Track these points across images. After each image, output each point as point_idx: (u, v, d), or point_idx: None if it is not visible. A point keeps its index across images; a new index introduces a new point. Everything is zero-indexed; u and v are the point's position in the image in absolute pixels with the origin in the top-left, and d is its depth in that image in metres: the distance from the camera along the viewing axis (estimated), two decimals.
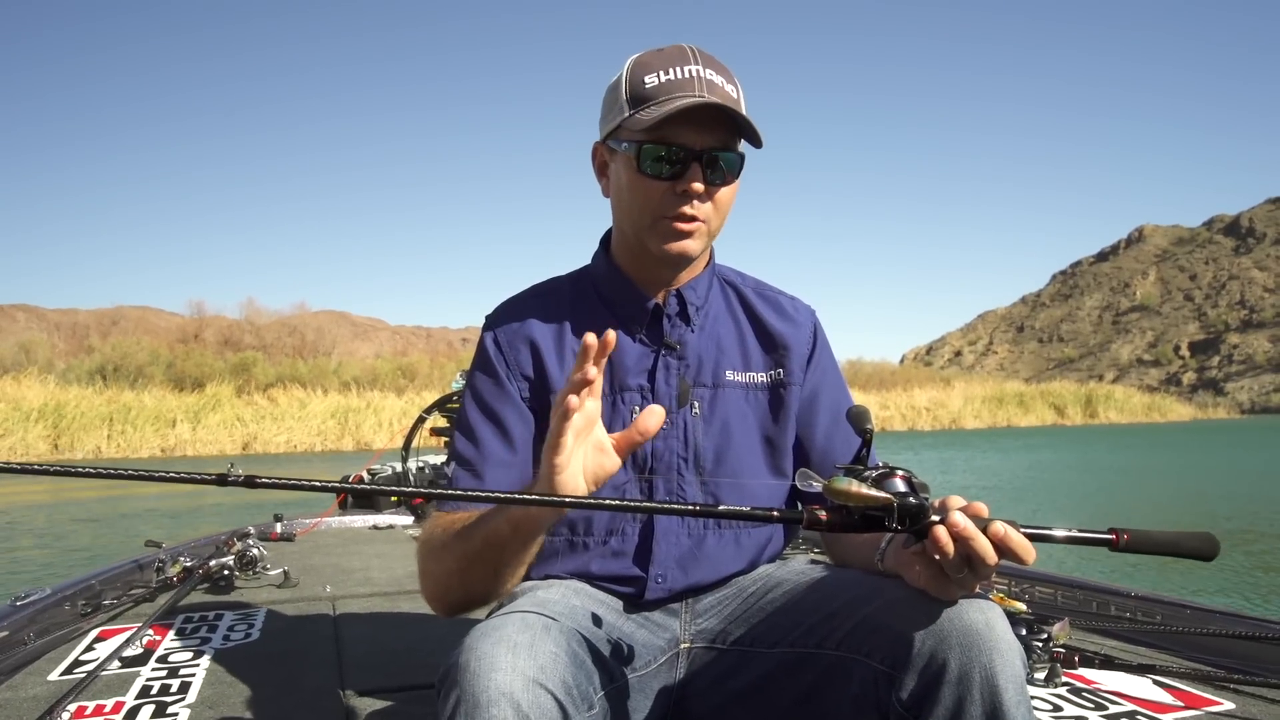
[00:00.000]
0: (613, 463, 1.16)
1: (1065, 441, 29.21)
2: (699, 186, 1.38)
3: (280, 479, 0.97)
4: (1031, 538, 1.06)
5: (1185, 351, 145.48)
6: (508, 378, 1.48)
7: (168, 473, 0.97)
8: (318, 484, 0.98)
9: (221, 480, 0.95)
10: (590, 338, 1.08)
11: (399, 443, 5.75)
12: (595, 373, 1.09)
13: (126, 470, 0.96)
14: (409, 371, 42.33)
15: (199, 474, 0.96)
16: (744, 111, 1.40)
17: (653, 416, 1.12)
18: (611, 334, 1.09)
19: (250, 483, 0.95)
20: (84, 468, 0.96)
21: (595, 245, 1.60)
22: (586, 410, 1.12)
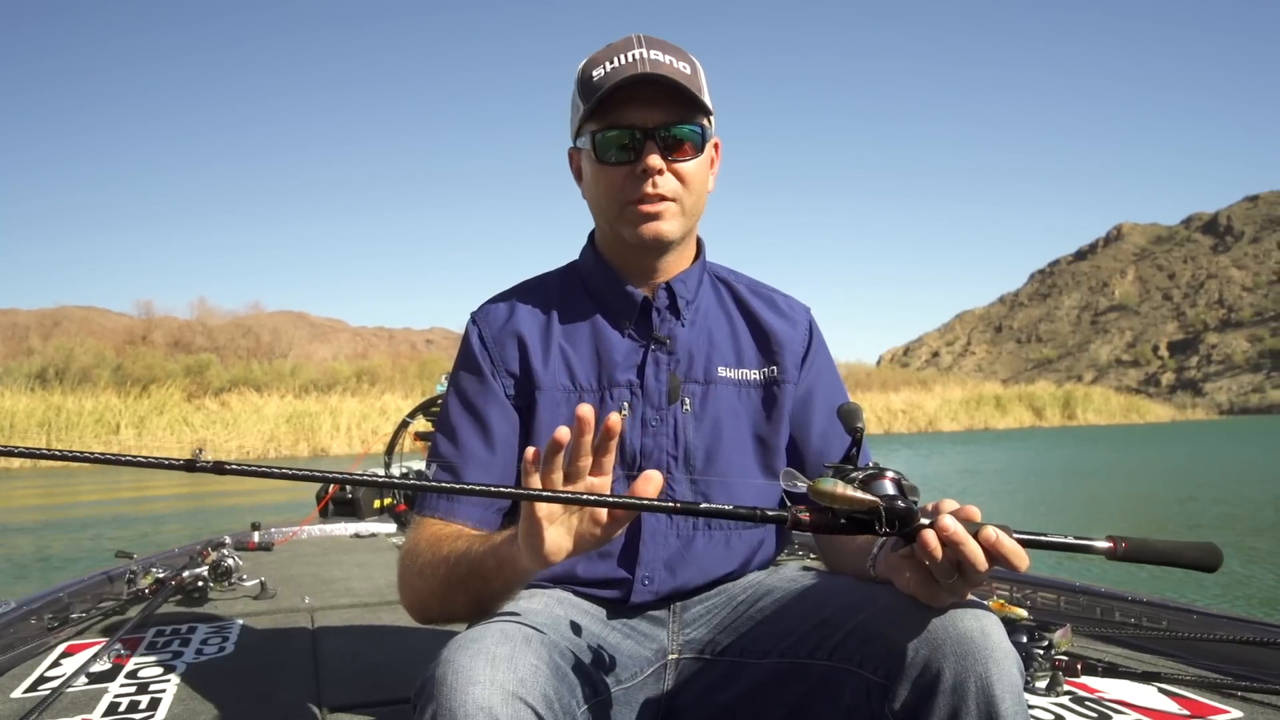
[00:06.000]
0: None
1: (1042, 444, 29.36)
2: (655, 162, 1.36)
3: (250, 465, 0.93)
4: (1024, 544, 1.03)
5: (1164, 351, 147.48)
6: (493, 375, 1.46)
7: (135, 456, 0.95)
8: (289, 471, 0.95)
9: (190, 465, 0.92)
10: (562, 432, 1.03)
11: (379, 448, 5.69)
12: None
13: (93, 455, 0.95)
14: (370, 374, 40.72)
15: (167, 459, 0.93)
16: (700, 87, 1.39)
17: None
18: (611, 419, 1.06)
19: (219, 469, 0.93)
20: (51, 451, 0.94)
21: (573, 244, 1.59)
22: None
